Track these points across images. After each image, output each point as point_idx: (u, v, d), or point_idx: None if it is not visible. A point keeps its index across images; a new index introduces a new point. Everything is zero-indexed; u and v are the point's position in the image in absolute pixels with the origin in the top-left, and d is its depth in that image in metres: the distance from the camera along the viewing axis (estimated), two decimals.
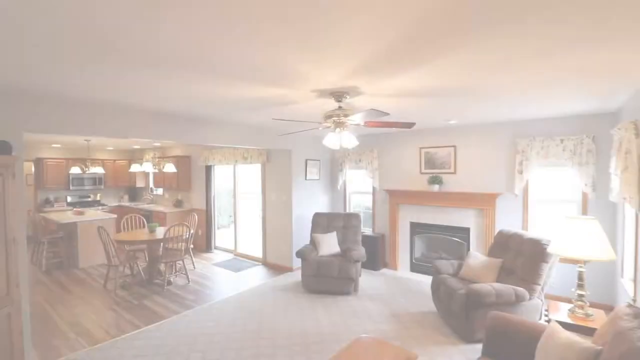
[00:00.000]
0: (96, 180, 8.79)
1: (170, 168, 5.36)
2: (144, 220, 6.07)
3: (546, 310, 2.86)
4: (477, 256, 3.91)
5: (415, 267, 5.50)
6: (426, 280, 5.09)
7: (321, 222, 5.25)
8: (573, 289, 2.76)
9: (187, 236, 5.13)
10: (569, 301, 2.91)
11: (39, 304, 4.31)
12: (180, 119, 3.96)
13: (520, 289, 3.22)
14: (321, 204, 6.23)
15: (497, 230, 4.72)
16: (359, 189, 6.32)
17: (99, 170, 6.91)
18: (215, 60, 1.99)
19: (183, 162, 7.55)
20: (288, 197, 5.63)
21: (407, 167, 5.55)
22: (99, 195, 9.04)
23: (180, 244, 5.44)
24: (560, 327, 2.13)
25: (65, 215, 6.40)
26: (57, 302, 4.39)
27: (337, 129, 2.82)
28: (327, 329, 3.54)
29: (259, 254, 6.28)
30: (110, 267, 4.77)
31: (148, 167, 5.14)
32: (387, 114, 2.28)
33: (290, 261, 5.64)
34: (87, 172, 6.83)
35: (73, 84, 2.51)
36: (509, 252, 3.78)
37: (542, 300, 3.40)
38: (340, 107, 2.81)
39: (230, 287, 4.92)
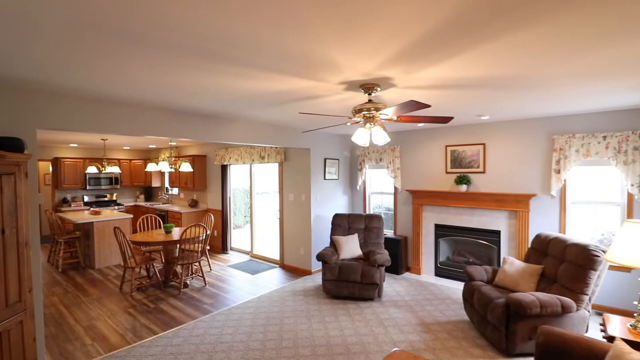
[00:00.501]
0: (112, 180, 8.79)
1: (186, 167, 5.23)
2: (160, 220, 5.97)
3: (601, 325, 2.57)
4: (513, 262, 3.62)
5: (440, 272, 5.22)
6: (453, 285, 4.81)
7: (341, 224, 5.03)
8: (635, 302, 2.45)
9: (204, 237, 4.98)
10: (622, 313, 2.60)
11: (55, 306, 4.23)
12: (198, 117, 3.80)
13: (567, 300, 2.93)
14: (340, 204, 6.01)
15: (531, 234, 4.42)
16: (380, 189, 6.07)
17: (115, 169, 6.86)
18: (241, 46, 1.79)
19: (199, 161, 7.44)
20: (307, 197, 5.43)
21: (431, 167, 5.28)
22: (115, 194, 9.05)
23: (196, 245, 5.31)
24: (628, 347, 1.86)
25: (81, 215, 6.36)
26: (72, 304, 4.30)
27: (367, 124, 2.59)
28: (352, 339, 3.32)
29: (275, 256, 6.10)
30: (126, 268, 4.67)
31: (164, 166, 5.02)
32: (429, 105, 2.04)
33: (309, 264, 5.44)
34: (103, 171, 6.78)
35: (89, 78, 2.36)
36: (549, 258, 3.48)
37: (589, 312, 3.10)
38: (370, 101, 2.58)
39: (247, 290, 4.75)
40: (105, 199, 8.86)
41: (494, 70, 2.26)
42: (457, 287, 4.76)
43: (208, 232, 5.10)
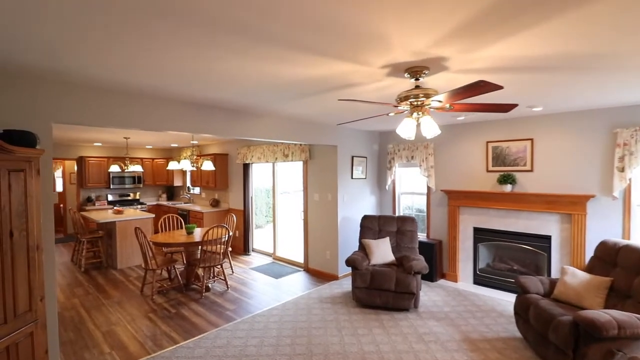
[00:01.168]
0: (135, 179, 8.77)
1: (208, 166, 5.03)
2: (182, 221, 5.80)
3: None
4: (575, 273, 3.16)
5: (479, 280, 4.77)
6: (496, 295, 4.36)
7: (371, 226, 4.67)
8: None
9: (226, 239, 4.75)
10: None
11: (75, 309, 4.10)
12: (220, 112, 3.55)
13: None
14: (368, 205, 5.65)
15: (588, 240, 3.92)
16: (410, 189, 5.66)
17: (137, 168, 6.78)
18: (282, 16, 1.49)
19: (220, 160, 7.27)
20: (333, 197, 5.11)
21: (470, 165, 4.83)
22: (138, 194, 9.04)
23: (218, 246, 5.09)
24: None
25: (104, 214, 6.30)
26: (93, 306, 4.16)
27: (414, 114, 2.24)
28: (390, 356, 2.97)
29: (299, 258, 5.81)
30: (147, 270, 4.49)
31: (185, 164, 4.84)
32: (500, 87, 1.67)
33: (335, 268, 5.11)
34: (126, 170, 6.72)
35: (106, 65, 2.13)
36: (620, 269, 3.02)
37: None
38: (417, 87, 2.23)
39: (271, 296, 4.47)
40: (129, 198, 8.86)
41: (567, 47, 1.86)
42: (501, 297, 4.31)
43: (230, 234, 4.87)
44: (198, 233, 5.01)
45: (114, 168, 6.80)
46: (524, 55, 2.01)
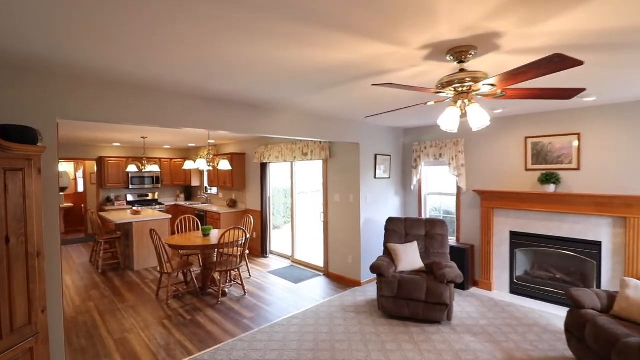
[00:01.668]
0: (154, 179, 8.74)
1: (224, 165, 4.84)
2: (198, 222, 5.64)
3: None
4: (639, 286, 2.74)
5: (516, 289, 4.36)
6: (537, 307, 3.94)
7: (397, 230, 4.34)
8: None
9: (243, 241, 4.54)
10: None
11: (90, 312, 3.97)
12: (236, 106, 3.32)
13: None
14: (392, 207, 5.32)
15: None
16: (438, 190, 5.29)
17: (154, 168, 6.69)
18: None
19: (238, 159, 7.09)
20: (355, 198, 4.80)
21: (505, 163, 4.42)
22: (156, 194, 9.01)
23: (235, 248, 4.89)
24: None
25: (121, 215, 6.23)
26: (107, 310, 4.02)
27: (459, 102, 1.92)
28: None
29: (319, 262, 5.54)
30: (162, 274, 4.33)
31: (201, 164, 4.66)
32: (580, 62, 1.34)
33: (358, 274, 4.81)
34: (143, 170, 6.64)
35: (116, 55, 1.92)
36: None
37: None
38: (462, 70, 1.91)
39: (290, 302, 4.22)
40: (147, 198, 8.84)
41: None
42: (543, 309, 3.89)
43: (247, 236, 4.66)
44: (215, 235, 4.83)
45: (132, 168, 6.73)
46: (594, 28, 1.65)
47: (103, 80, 2.50)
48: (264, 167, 6.50)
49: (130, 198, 8.56)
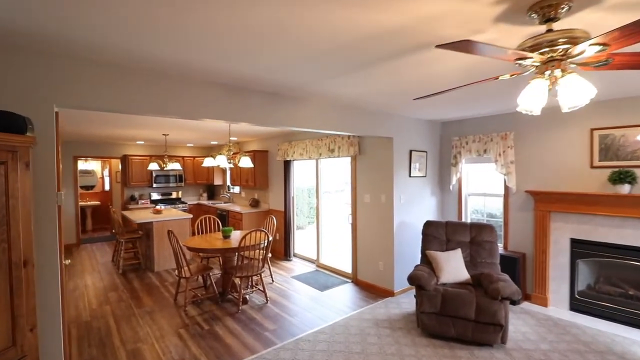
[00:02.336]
0: (177, 178, 8.63)
1: (245, 162, 4.52)
2: (219, 222, 5.37)
3: None
4: None
5: (578, 306, 3.75)
6: (605, 328, 3.33)
7: (437, 235, 3.84)
8: None
9: (265, 244, 4.19)
10: None
11: (105, 318, 3.75)
12: (256, 95, 2.96)
13: None
14: (428, 208, 4.80)
15: None
16: (481, 190, 4.72)
17: (176, 166, 6.51)
18: None
19: (260, 157, 6.79)
20: (387, 198, 4.34)
21: (565, 159, 3.82)
22: (180, 193, 8.90)
23: (257, 251, 4.56)
24: None
25: (142, 214, 6.07)
26: (123, 316, 3.79)
27: (548, 73, 1.44)
28: None
29: (347, 268, 5.11)
30: (180, 278, 4.06)
31: (221, 160, 4.36)
32: None
33: (390, 282, 4.34)
34: (165, 168, 6.48)
35: (124, 31, 1.59)
36: None
37: None
38: (550, 30, 1.43)
39: (316, 313, 3.83)
40: (171, 197, 8.74)
41: None
42: (614, 331, 3.28)
43: (270, 238, 4.31)
44: (236, 237, 4.52)
45: (153, 166, 6.59)
46: None
47: (109, 63, 2.20)
48: (287, 165, 6.15)
49: (154, 197, 8.49)
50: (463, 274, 3.46)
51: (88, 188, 9.68)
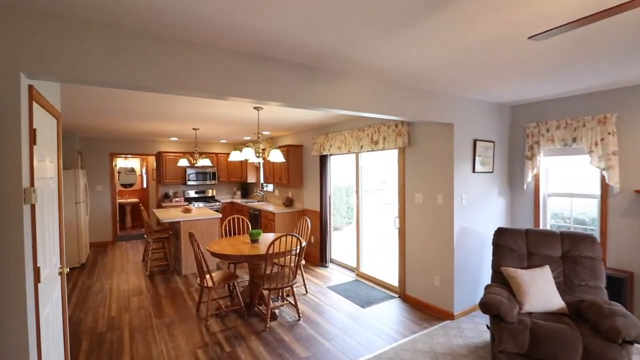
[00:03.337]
0: (210, 175, 8.37)
1: (276, 156, 3.95)
2: (248, 223, 4.87)
3: None
4: None
5: None
6: None
7: (514, 246, 3.00)
8: None
9: (297, 251, 3.60)
10: None
11: (121, 329, 3.36)
12: (286, 67, 2.35)
13: None
14: (495, 212, 3.93)
15: None
16: (566, 189, 3.76)
17: (206, 162, 6.14)
18: None
19: (294, 152, 6.23)
20: (446, 199, 3.55)
21: None
22: (214, 190, 8.64)
23: (288, 258, 3.99)
24: None
25: (171, 213, 5.76)
26: (140, 328, 3.38)
27: None
28: None
29: (392, 280, 4.38)
30: (203, 288, 3.58)
31: (248, 154, 3.83)
32: None
33: (448, 302, 3.55)
34: (195, 164, 6.15)
35: None
36: None
37: None
38: None
39: (358, 337, 3.15)
40: (204, 194, 8.50)
41: None
42: None
43: (304, 244, 3.71)
44: (265, 240, 3.98)
45: (183, 162, 6.29)
46: None
47: (105, 23, 1.70)
48: (323, 160, 5.52)
49: (187, 195, 8.28)
50: (555, 301, 2.60)
51: (128, 186, 9.77)
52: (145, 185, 9.85)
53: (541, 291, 2.63)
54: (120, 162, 9.62)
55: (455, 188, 3.47)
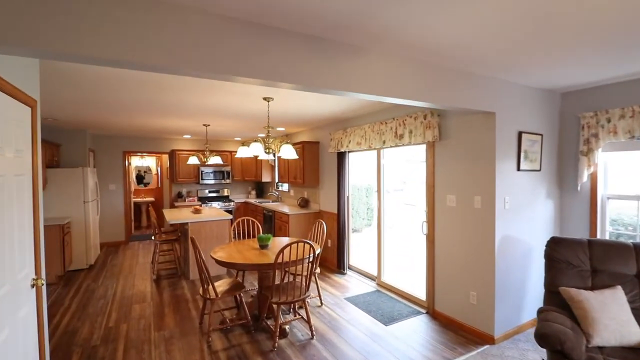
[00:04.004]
0: (224, 174, 8.08)
1: (287, 152, 3.53)
2: (259, 226, 4.48)
3: None
4: None
5: None
6: None
7: (573, 261, 2.45)
8: None
9: (311, 259, 3.17)
10: None
11: (116, 341, 3.04)
12: (298, 41, 1.92)
13: None
14: (542, 217, 3.35)
15: None
16: (632, 190, 3.14)
17: (217, 160, 5.82)
18: None
19: (310, 149, 5.81)
20: (486, 201, 3.02)
21: None
22: (227, 190, 8.35)
23: (299, 267, 3.57)
24: None
25: (181, 213, 5.47)
26: (136, 342, 3.05)
27: None
28: None
29: (419, 292, 3.88)
30: (205, 300, 3.21)
31: (257, 149, 3.43)
32: None
33: (488, 323, 3.02)
34: (205, 162, 5.84)
35: None
36: None
37: None
38: None
39: None
40: (218, 194, 8.22)
41: None
42: None
43: (318, 251, 3.28)
44: (276, 245, 3.59)
45: (193, 160, 6.00)
46: None
47: None
48: (341, 158, 5.07)
49: (200, 194, 8.03)
50: (634, 332, 2.05)
51: (144, 184, 9.66)
52: (160, 184, 9.71)
53: (614, 319, 2.08)
54: (137, 161, 9.52)
55: (497, 189, 2.93)
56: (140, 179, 9.56)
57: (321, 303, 3.88)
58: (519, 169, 3.10)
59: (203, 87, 3.15)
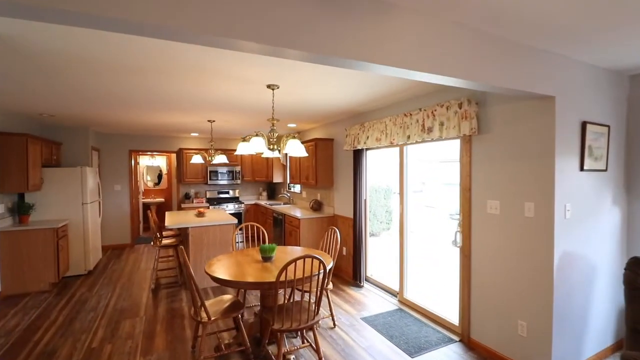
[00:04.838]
0: (233, 174, 7.66)
1: (294, 148, 3.01)
2: (264, 232, 4.00)
3: None
4: None
5: None
6: None
7: None
8: None
9: (321, 276, 2.64)
10: None
11: None
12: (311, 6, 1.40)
13: None
14: (607, 228, 2.70)
15: None
16: None
17: (222, 159, 5.38)
18: None
19: (323, 147, 5.29)
20: (541, 209, 2.41)
21: None
22: (237, 191, 7.93)
23: (306, 284, 3.06)
24: None
25: (183, 217, 5.05)
26: None
27: None
28: None
29: (450, 314, 3.29)
30: (198, 323, 2.73)
31: (258, 144, 2.94)
32: None
33: None
34: (211, 161, 5.41)
35: None
36: None
37: None
38: None
39: None
40: (227, 195, 7.82)
41: None
42: None
43: (330, 266, 2.76)
44: (281, 257, 3.08)
45: (197, 159, 5.59)
46: None
47: None
48: (358, 156, 4.52)
49: (209, 195, 7.65)
50: None
51: (154, 185, 9.40)
52: (169, 185, 9.42)
53: None
54: (147, 161, 9.25)
55: (556, 193, 2.32)
56: (160, 178, 9.38)
57: (334, 324, 3.34)
58: (582, 169, 2.47)
59: (201, 73, 2.69)
